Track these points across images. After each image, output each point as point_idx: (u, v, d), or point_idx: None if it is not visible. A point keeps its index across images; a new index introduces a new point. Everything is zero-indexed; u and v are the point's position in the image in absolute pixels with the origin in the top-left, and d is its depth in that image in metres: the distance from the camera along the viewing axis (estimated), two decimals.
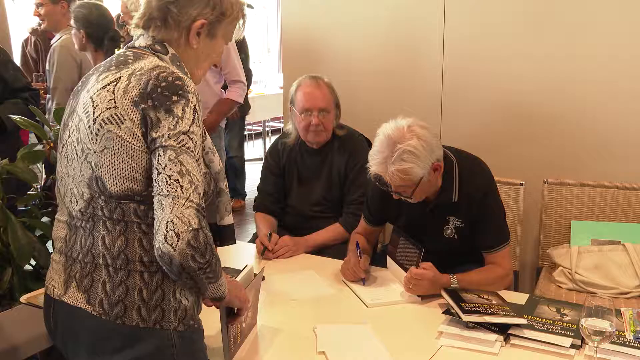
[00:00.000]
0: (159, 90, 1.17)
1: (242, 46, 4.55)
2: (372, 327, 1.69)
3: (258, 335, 1.67)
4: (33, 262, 2.10)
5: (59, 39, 3.32)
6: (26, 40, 4.65)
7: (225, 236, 1.37)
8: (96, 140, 1.21)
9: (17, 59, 4.40)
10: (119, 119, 1.18)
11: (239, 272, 1.60)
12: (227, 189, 1.36)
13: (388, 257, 2.10)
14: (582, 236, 2.37)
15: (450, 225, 2.01)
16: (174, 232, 1.12)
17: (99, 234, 1.24)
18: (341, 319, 1.77)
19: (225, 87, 3.39)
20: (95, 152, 1.21)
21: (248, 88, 3.83)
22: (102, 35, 2.97)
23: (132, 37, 1.37)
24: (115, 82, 1.22)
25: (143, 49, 1.30)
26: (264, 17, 9.34)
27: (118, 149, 1.19)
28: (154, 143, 1.16)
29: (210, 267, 1.19)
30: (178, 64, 1.30)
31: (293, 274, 2.09)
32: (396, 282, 2.00)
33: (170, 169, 1.14)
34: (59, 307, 1.30)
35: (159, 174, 1.15)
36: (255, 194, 2.61)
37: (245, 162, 5.50)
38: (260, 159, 7.31)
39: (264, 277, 1.92)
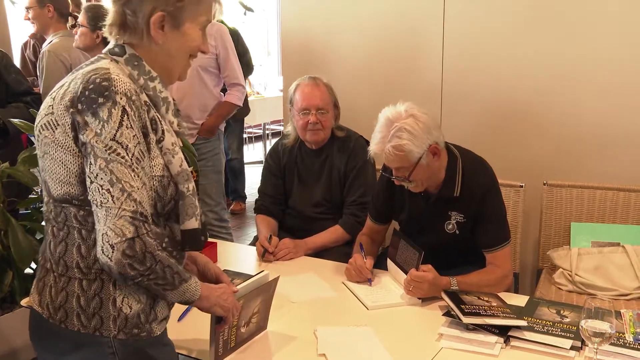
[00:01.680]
0: (86, 93, 1.16)
1: (243, 50, 4.55)
2: (373, 330, 1.70)
3: (258, 338, 1.68)
4: (34, 265, 2.10)
5: (49, 43, 3.31)
6: (25, 44, 4.65)
7: (186, 241, 1.28)
8: (39, 146, 1.24)
9: (16, 63, 4.40)
10: (54, 125, 1.20)
11: (239, 274, 1.60)
12: (192, 191, 1.27)
13: (388, 260, 2.10)
14: (582, 238, 2.37)
15: (452, 221, 2.02)
16: (109, 244, 1.13)
17: (49, 239, 1.27)
18: (342, 321, 1.77)
19: (224, 90, 3.40)
20: (40, 157, 1.25)
21: (247, 77, 3.73)
22: None
23: None
24: (59, 89, 1.24)
25: (104, 54, 1.29)
26: (264, 20, 9.35)
27: (54, 153, 1.21)
28: (85, 148, 1.16)
29: (153, 273, 1.19)
30: (135, 63, 1.25)
31: (293, 277, 2.10)
32: (396, 285, 2.01)
33: (102, 178, 1.14)
34: (31, 306, 1.34)
35: (91, 182, 1.16)
36: (256, 196, 2.62)
37: (246, 165, 5.50)
38: (260, 162, 7.31)
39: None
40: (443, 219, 2.04)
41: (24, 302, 1.76)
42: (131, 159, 1.16)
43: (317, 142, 2.45)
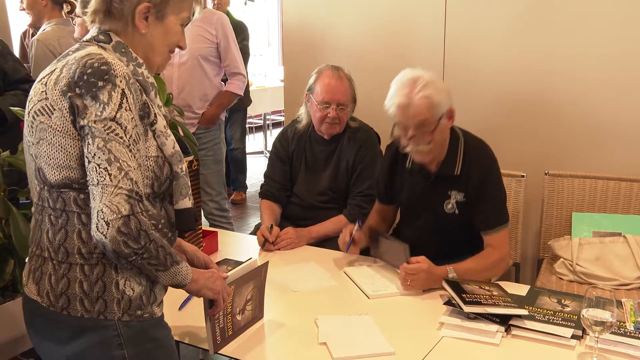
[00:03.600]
0: (84, 77, 1.17)
1: (242, 33, 4.53)
2: (374, 319, 1.70)
3: (258, 327, 1.68)
4: None
5: (42, 31, 3.29)
6: (24, 33, 4.63)
7: (181, 220, 1.33)
8: (32, 132, 1.24)
9: (16, 51, 4.38)
10: (49, 110, 1.21)
11: (239, 263, 1.60)
12: (185, 172, 1.32)
13: (380, 237, 2.10)
14: (583, 228, 2.37)
15: (451, 200, 2.01)
16: (104, 221, 1.14)
17: (45, 227, 1.26)
18: (342, 310, 1.77)
19: (225, 80, 3.39)
20: (33, 144, 1.25)
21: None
22: None
23: None
24: (49, 75, 1.24)
25: (87, 41, 1.30)
26: (265, 9, 9.31)
27: (51, 138, 1.21)
28: (83, 130, 1.17)
29: (147, 252, 1.19)
30: (123, 50, 1.27)
31: (294, 266, 2.10)
32: (397, 274, 2.00)
33: (99, 157, 1.15)
34: (24, 297, 1.33)
35: (89, 162, 1.17)
36: (256, 187, 2.61)
37: (247, 155, 5.50)
38: (260, 152, 7.30)
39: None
40: (443, 198, 2.03)
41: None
42: (129, 140, 1.18)
43: (331, 135, 2.44)
